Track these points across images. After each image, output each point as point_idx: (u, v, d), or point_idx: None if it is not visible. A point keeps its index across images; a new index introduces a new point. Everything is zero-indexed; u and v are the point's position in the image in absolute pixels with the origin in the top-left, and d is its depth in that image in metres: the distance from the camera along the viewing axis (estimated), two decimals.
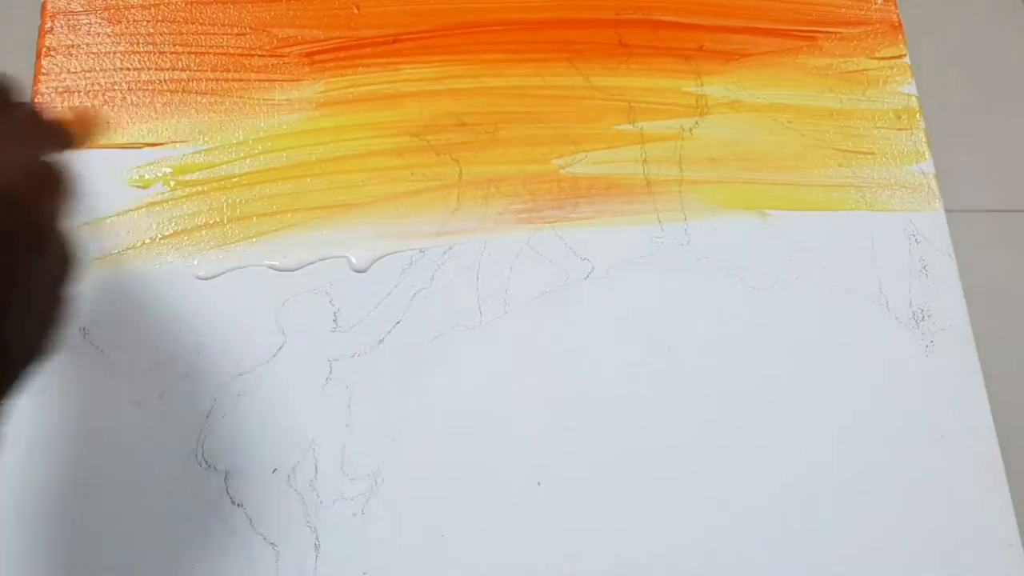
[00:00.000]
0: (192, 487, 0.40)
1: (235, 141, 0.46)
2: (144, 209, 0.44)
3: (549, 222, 0.46)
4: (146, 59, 0.48)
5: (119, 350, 0.42)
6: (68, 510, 0.39)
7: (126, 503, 0.39)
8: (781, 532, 0.41)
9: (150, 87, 0.47)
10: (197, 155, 0.46)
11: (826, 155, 0.49)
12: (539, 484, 0.41)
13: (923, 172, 0.49)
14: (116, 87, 0.47)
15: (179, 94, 0.47)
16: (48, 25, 0.48)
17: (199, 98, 0.47)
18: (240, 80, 0.47)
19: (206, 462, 0.40)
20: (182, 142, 0.46)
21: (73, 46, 0.48)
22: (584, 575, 0.40)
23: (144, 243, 0.44)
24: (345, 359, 0.42)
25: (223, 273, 0.44)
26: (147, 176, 0.45)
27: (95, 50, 0.48)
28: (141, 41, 0.48)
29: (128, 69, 0.47)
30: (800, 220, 0.47)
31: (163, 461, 0.40)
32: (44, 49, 0.47)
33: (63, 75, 0.47)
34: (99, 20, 0.48)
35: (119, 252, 0.44)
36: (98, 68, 0.47)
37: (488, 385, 0.43)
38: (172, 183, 0.45)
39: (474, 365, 0.43)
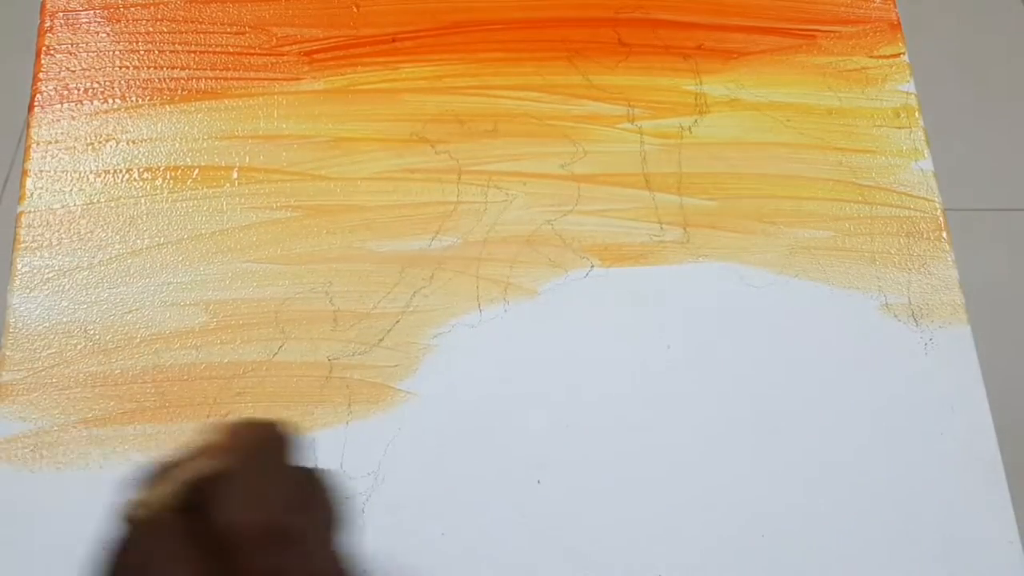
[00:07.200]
0: None
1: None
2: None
3: (548, 220, 0.46)
4: (145, 58, 0.48)
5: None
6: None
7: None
8: (780, 530, 0.41)
9: (149, 85, 0.47)
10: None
11: (825, 153, 0.49)
12: (539, 483, 0.41)
13: (922, 170, 0.49)
14: (115, 85, 0.47)
15: (178, 92, 0.47)
16: (48, 24, 0.48)
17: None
18: (239, 79, 0.47)
19: None
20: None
21: (73, 45, 0.48)
22: (584, 573, 0.40)
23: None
24: (345, 359, 0.42)
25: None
26: None
27: (94, 49, 0.48)
28: (140, 40, 0.48)
29: (127, 68, 0.47)
30: (799, 219, 0.47)
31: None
32: (44, 48, 0.47)
33: (63, 74, 0.47)
34: (98, 19, 0.48)
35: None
36: (97, 67, 0.47)
37: (488, 384, 0.43)
38: None
39: (474, 364, 0.43)
